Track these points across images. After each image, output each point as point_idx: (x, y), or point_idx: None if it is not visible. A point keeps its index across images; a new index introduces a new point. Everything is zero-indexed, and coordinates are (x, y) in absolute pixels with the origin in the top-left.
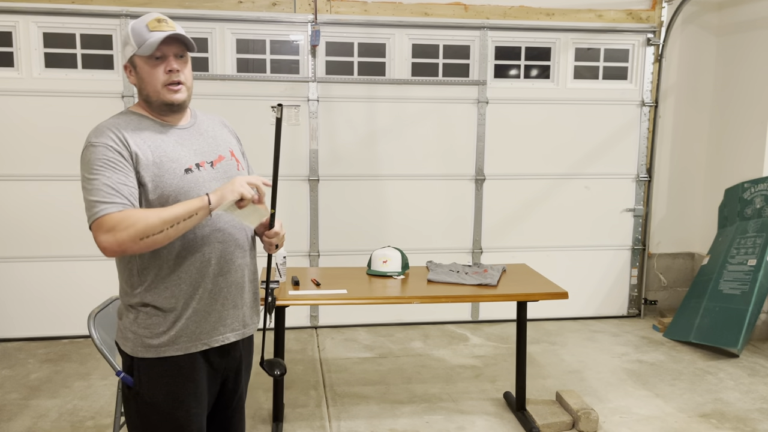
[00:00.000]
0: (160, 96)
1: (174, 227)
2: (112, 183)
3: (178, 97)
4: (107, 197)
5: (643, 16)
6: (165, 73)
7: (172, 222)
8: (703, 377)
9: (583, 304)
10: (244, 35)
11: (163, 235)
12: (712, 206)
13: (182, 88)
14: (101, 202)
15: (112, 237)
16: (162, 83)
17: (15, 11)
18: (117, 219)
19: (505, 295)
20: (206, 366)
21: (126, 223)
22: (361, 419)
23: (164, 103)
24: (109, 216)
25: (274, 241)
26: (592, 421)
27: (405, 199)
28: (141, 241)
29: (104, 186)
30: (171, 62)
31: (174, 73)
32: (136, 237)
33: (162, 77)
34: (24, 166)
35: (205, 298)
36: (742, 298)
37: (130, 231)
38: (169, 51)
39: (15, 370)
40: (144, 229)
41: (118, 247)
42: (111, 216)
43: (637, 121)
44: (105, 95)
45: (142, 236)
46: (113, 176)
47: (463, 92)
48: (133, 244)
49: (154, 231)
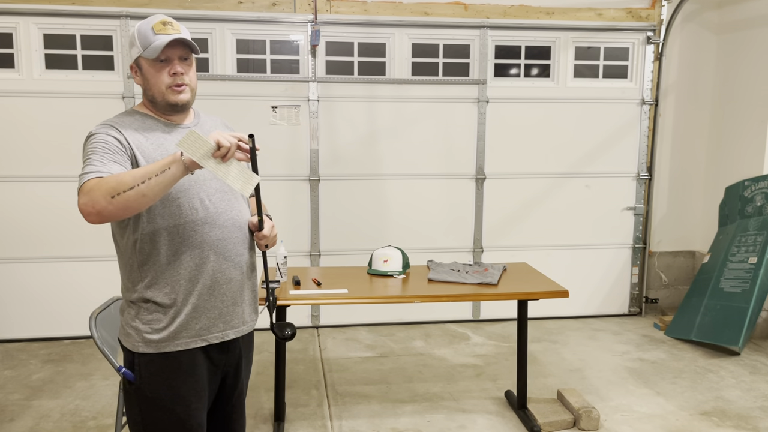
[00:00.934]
0: (165, 97)
1: (146, 183)
2: (104, 160)
3: (182, 97)
4: (94, 169)
5: (642, 15)
6: (169, 75)
7: (143, 178)
8: (704, 375)
9: (584, 302)
10: (244, 35)
11: (135, 192)
12: (713, 204)
13: (186, 89)
14: (87, 173)
15: (87, 197)
16: (166, 85)
17: (15, 12)
18: (94, 182)
19: (505, 293)
20: (206, 362)
21: (100, 184)
22: (362, 418)
23: (169, 103)
24: (89, 181)
25: (263, 242)
26: (594, 420)
27: (405, 198)
28: (113, 199)
29: (95, 161)
30: (175, 65)
31: (178, 76)
32: (108, 194)
33: (166, 79)
34: (25, 167)
35: (204, 294)
36: (743, 296)
37: (102, 189)
38: (173, 54)
39: (17, 370)
40: (115, 185)
41: (93, 207)
42: (90, 181)
43: (637, 119)
44: (105, 96)
45: (113, 193)
46: (107, 156)
47: (464, 91)
48: (106, 204)
49: (124, 187)
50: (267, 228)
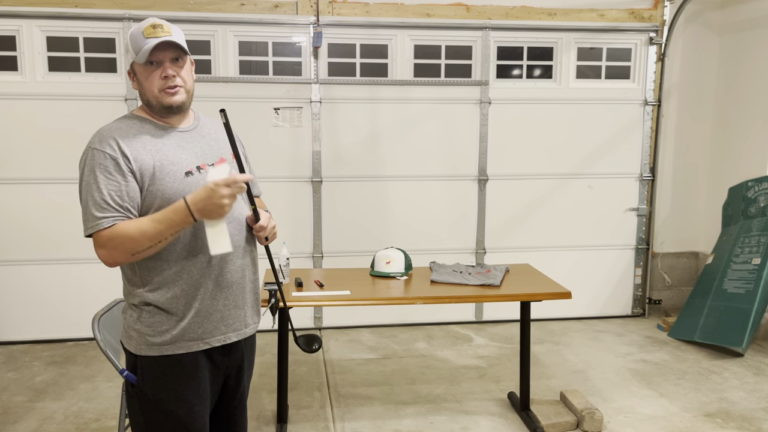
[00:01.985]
0: (159, 100)
1: (162, 242)
2: (106, 194)
3: (176, 99)
4: (100, 210)
5: (645, 15)
6: (161, 78)
7: (157, 239)
8: (707, 377)
9: (587, 303)
10: (246, 37)
11: (152, 249)
12: (716, 205)
13: (180, 90)
14: (94, 216)
15: (107, 252)
16: (159, 88)
17: (19, 15)
18: (107, 236)
19: (508, 295)
20: (209, 364)
21: (115, 242)
22: (365, 420)
23: (163, 106)
24: (101, 233)
25: (262, 234)
26: (597, 421)
27: (408, 199)
28: (132, 256)
29: (98, 198)
30: (166, 68)
31: (169, 78)
32: (127, 254)
33: (158, 82)
34: (28, 169)
35: (207, 298)
36: (747, 297)
37: (121, 249)
38: (164, 56)
39: (20, 372)
40: (132, 247)
41: (114, 262)
42: (102, 233)
43: (640, 120)
44: (108, 98)
45: (133, 252)
46: (108, 185)
47: (466, 93)
48: (126, 259)
49: (142, 248)
50: (264, 218)
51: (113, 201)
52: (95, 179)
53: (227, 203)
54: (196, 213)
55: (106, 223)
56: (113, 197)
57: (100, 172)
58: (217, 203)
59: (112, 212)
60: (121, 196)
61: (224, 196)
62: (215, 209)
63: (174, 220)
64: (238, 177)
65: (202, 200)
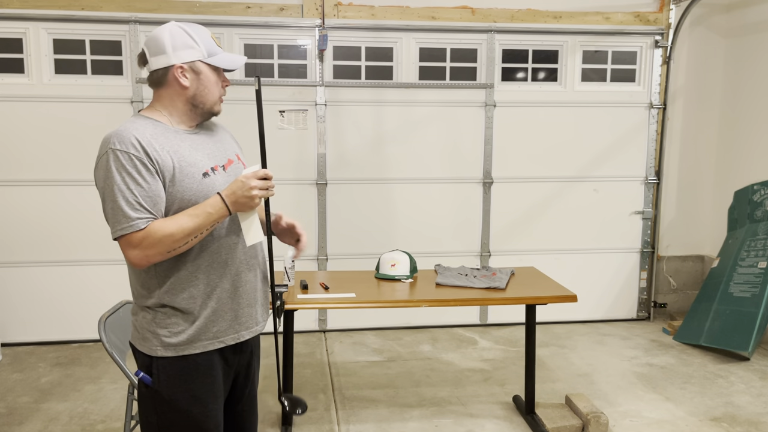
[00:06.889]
0: (213, 106)
1: (197, 237)
2: (136, 195)
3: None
4: (135, 211)
5: (650, 18)
6: (222, 87)
7: (195, 233)
8: (713, 381)
9: (592, 307)
10: (252, 40)
11: (188, 245)
12: (722, 208)
13: None
14: (129, 217)
15: (141, 253)
16: (219, 95)
17: (25, 18)
18: (142, 236)
19: (513, 298)
20: (221, 362)
21: (151, 240)
22: (370, 423)
23: (212, 113)
24: (135, 234)
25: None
26: (602, 425)
27: (413, 202)
28: (168, 254)
29: (130, 198)
30: (226, 79)
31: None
32: (164, 251)
33: (220, 90)
34: (34, 171)
35: (224, 298)
36: (753, 300)
37: (157, 248)
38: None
39: (26, 373)
40: (170, 244)
41: (147, 261)
42: (137, 234)
43: (645, 123)
44: (114, 101)
45: (169, 250)
46: (136, 188)
47: (471, 95)
48: (161, 258)
49: (179, 245)
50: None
51: (145, 201)
52: (123, 180)
53: (257, 194)
54: (231, 206)
55: (141, 224)
56: (144, 197)
57: (127, 174)
58: (247, 195)
59: (145, 213)
60: (152, 196)
61: (253, 187)
62: (246, 201)
63: (211, 213)
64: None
65: (234, 193)
